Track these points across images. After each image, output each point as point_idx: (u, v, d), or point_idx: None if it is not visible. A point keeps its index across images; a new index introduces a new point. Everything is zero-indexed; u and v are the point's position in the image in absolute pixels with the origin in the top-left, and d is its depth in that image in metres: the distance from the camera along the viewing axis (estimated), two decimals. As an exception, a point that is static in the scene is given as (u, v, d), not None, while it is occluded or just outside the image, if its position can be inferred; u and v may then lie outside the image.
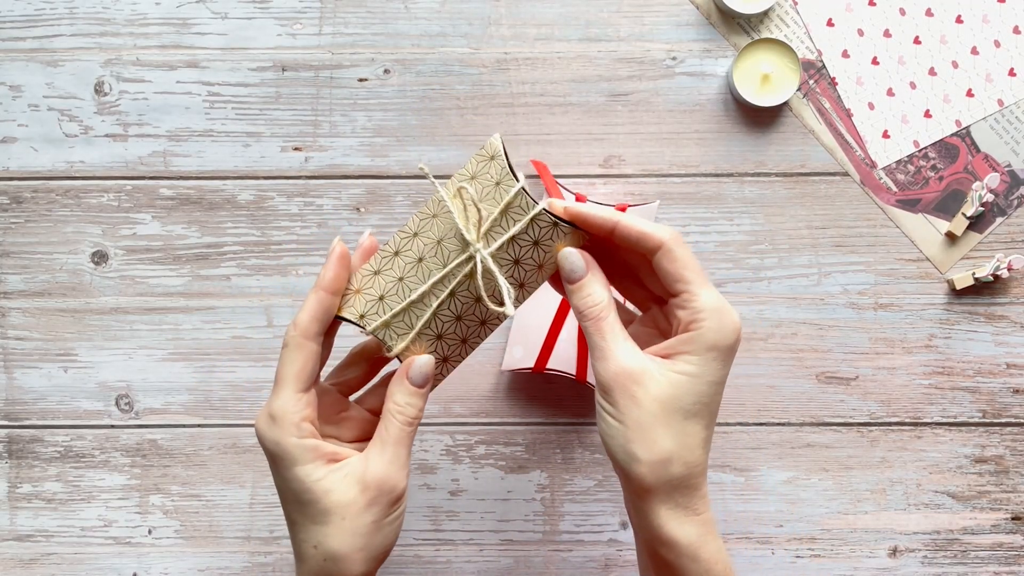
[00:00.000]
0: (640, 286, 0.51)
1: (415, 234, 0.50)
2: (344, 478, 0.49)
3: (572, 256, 0.49)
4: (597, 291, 0.49)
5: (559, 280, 0.50)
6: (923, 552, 0.68)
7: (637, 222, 0.48)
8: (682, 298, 0.48)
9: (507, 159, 0.49)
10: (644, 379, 0.47)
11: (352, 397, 0.55)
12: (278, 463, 0.49)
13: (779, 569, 0.68)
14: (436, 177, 0.68)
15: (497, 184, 0.49)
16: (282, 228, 0.68)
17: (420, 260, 0.50)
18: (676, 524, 0.48)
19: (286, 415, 0.49)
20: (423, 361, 0.51)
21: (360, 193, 0.68)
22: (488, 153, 0.49)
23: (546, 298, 0.66)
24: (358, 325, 0.50)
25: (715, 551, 0.49)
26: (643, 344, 0.49)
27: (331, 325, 0.50)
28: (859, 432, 0.68)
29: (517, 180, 0.48)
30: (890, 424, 0.68)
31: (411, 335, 0.50)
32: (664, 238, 0.48)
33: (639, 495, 0.48)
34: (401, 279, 0.50)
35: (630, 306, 0.55)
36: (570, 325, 0.66)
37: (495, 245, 0.49)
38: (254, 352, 0.68)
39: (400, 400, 0.50)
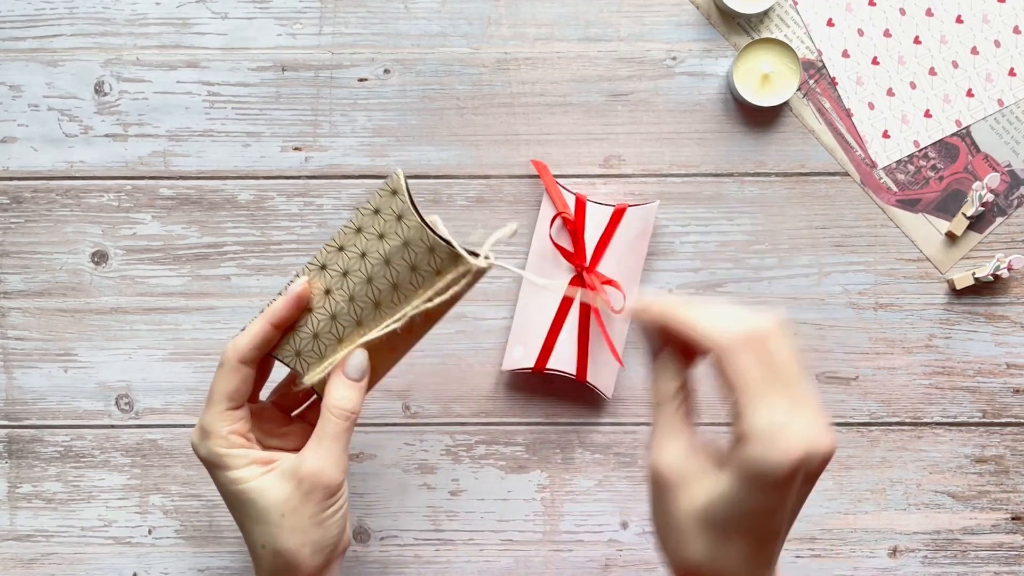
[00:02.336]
0: None
1: (345, 273, 0.52)
2: (279, 476, 0.51)
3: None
4: (659, 380, 0.46)
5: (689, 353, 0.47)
6: (923, 552, 0.68)
7: (690, 318, 0.43)
8: (734, 408, 0.42)
9: (409, 194, 0.50)
10: (678, 487, 0.44)
11: (296, 412, 0.58)
12: (214, 471, 0.52)
13: (779, 569, 0.68)
14: (435, 177, 0.68)
15: (399, 219, 0.50)
16: (282, 228, 0.68)
17: (351, 300, 0.52)
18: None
19: (215, 429, 0.51)
20: (358, 355, 0.52)
21: (360, 193, 0.68)
22: (390, 187, 0.50)
23: (546, 298, 0.66)
24: (291, 367, 0.52)
25: None
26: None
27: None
28: (859, 432, 0.68)
29: (417, 212, 0.50)
30: (890, 424, 0.68)
31: (328, 367, 0.52)
32: (718, 343, 0.42)
33: None
34: (334, 317, 0.52)
35: None
36: (570, 325, 0.66)
37: (422, 300, 0.50)
38: (254, 352, 0.68)
39: (336, 395, 0.51)
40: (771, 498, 0.42)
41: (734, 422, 0.42)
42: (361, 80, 0.67)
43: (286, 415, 0.57)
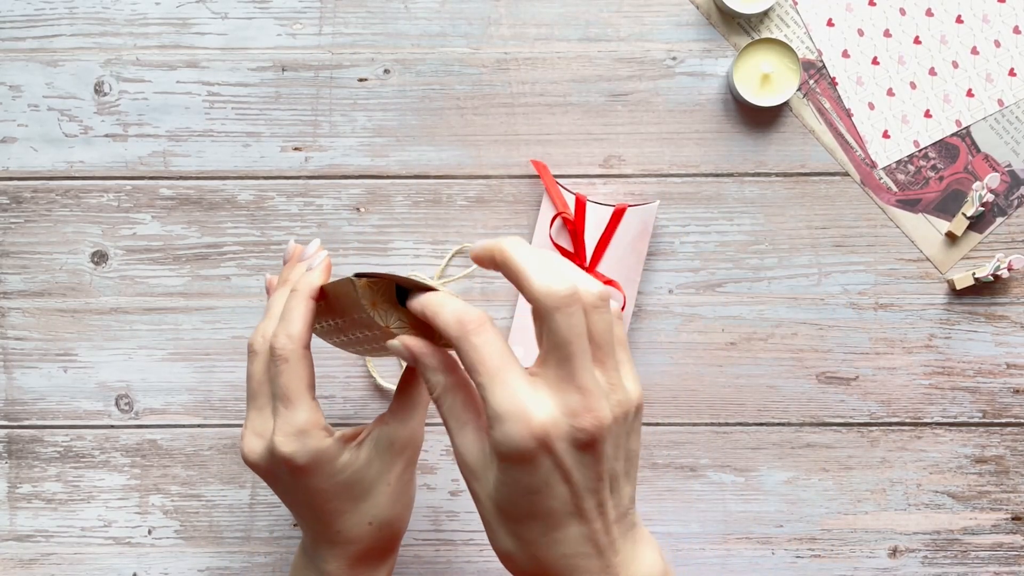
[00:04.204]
0: None
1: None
2: (376, 448, 0.51)
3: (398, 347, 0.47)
4: (430, 377, 0.46)
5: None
6: (923, 552, 0.68)
7: (440, 308, 0.44)
8: (480, 394, 0.43)
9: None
10: (474, 479, 0.44)
11: None
12: (315, 470, 0.50)
13: (779, 569, 0.68)
14: (435, 177, 0.68)
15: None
16: (282, 228, 0.68)
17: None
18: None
19: (312, 425, 0.49)
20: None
21: (360, 193, 0.68)
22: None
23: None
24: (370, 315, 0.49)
25: None
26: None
27: None
28: (859, 432, 0.68)
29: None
30: (890, 424, 0.68)
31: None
32: (452, 333, 0.43)
33: None
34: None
35: None
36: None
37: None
38: (254, 352, 0.68)
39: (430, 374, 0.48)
40: (530, 475, 0.42)
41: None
42: (361, 80, 0.67)
43: None
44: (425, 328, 0.48)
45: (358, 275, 0.47)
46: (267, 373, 0.51)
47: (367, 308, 0.47)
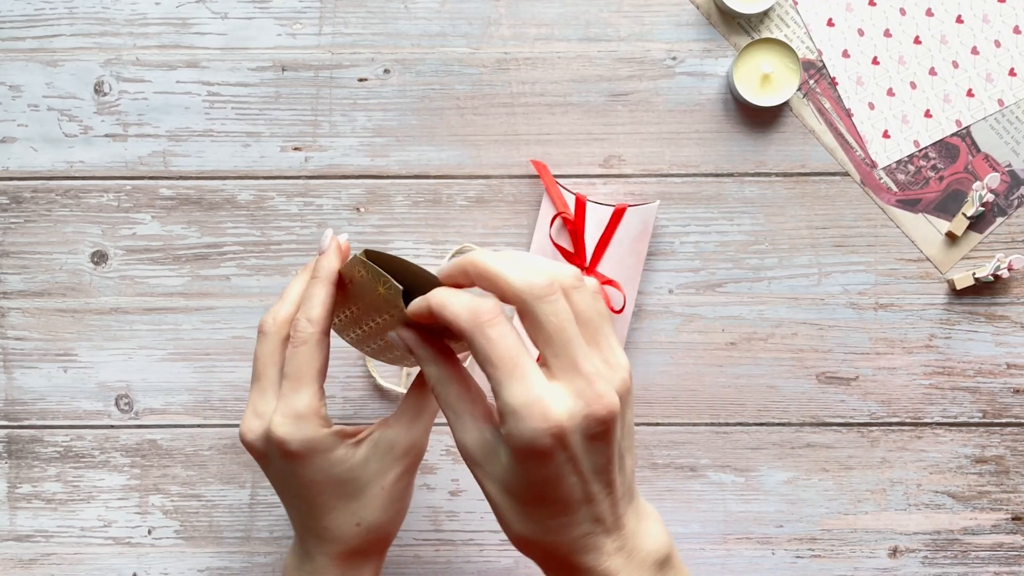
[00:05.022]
0: None
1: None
2: (375, 449, 0.50)
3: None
4: (427, 370, 0.46)
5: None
6: (923, 552, 0.68)
7: (447, 303, 0.43)
8: (491, 384, 0.43)
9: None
10: (479, 466, 0.44)
11: None
12: (307, 459, 0.49)
13: (779, 569, 0.68)
14: (435, 177, 0.68)
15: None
16: (282, 228, 0.68)
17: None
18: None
19: (311, 412, 0.49)
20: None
21: (360, 193, 0.68)
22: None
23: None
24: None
25: None
26: None
27: None
28: (859, 432, 0.68)
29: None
30: (890, 424, 0.68)
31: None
32: (464, 326, 0.42)
33: None
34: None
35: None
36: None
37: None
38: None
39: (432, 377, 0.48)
40: (544, 468, 0.42)
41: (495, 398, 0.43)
42: (361, 80, 0.67)
43: None
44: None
45: (367, 252, 0.47)
46: (275, 355, 0.51)
47: (376, 286, 0.47)
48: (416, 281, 0.49)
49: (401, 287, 0.46)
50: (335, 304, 0.51)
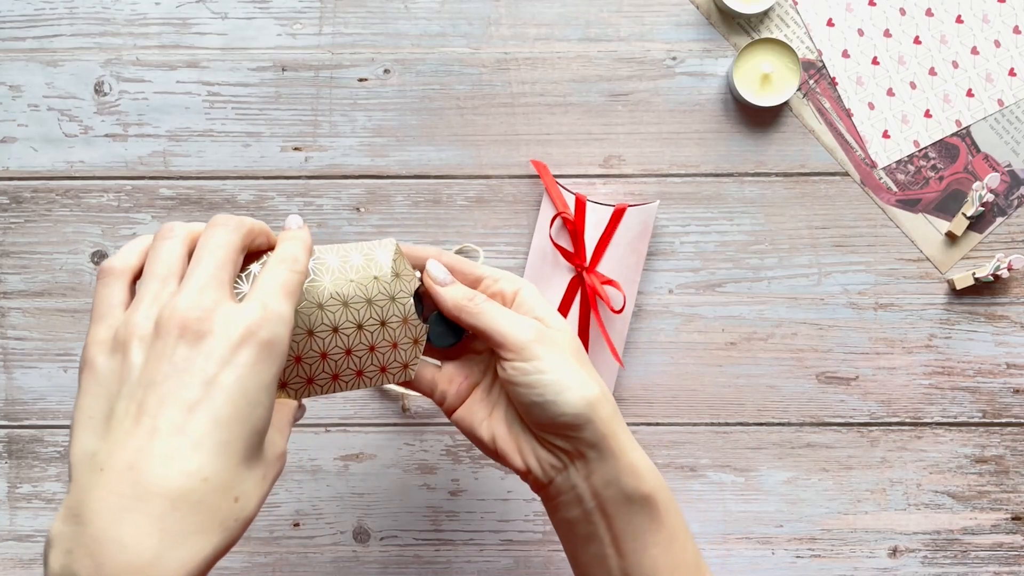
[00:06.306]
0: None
1: (320, 306, 0.50)
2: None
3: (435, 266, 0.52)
4: (463, 287, 0.52)
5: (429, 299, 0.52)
6: (923, 552, 0.68)
7: (497, 327, 0.50)
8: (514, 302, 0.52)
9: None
10: (548, 332, 0.50)
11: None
12: (267, 359, 0.41)
13: (779, 569, 0.68)
14: (435, 177, 0.68)
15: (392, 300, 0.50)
16: (282, 228, 0.68)
17: (335, 330, 0.50)
18: (641, 453, 0.50)
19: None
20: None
21: (360, 193, 0.68)
22: (388, 291, 0.51)
23: (547, 297, 0.66)
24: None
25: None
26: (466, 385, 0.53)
27: None
28: (859, 432, 0.68)
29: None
30: (890, 424, 0.68)
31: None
32: (518, 344, 0.49)
33: (602, 439, 0.48)
34: (324, 355, 0.50)
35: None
36: (570, 325, 0.66)
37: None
38: (254, 352, 0.68)
39: None
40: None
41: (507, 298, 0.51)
42: (361, 80, 0.67)
43: None
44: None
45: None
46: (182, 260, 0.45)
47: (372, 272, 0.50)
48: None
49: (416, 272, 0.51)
50: (287, 370, 0.49)
